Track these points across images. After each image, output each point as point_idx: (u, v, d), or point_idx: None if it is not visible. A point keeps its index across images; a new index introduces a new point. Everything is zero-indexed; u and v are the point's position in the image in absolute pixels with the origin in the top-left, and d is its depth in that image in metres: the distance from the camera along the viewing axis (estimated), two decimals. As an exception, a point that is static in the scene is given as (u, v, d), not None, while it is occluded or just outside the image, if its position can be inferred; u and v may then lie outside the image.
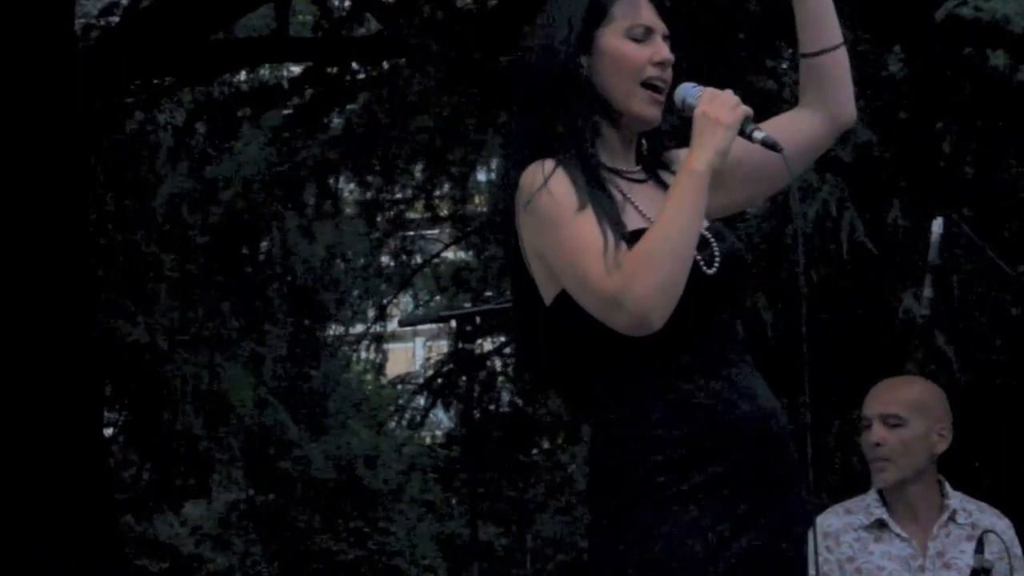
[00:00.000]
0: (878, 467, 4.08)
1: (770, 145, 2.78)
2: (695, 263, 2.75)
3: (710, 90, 2.83)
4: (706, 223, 2.84)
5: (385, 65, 9.78)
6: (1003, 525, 4.07)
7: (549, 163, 2.79)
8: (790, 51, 7.70)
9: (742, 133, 2.78)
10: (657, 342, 2.72)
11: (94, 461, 7.69)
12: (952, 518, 4.08)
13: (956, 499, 4.10)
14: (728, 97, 2.80)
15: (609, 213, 2.76)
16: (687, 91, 2.85)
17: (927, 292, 5.59)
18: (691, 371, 2.76)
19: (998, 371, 9.51)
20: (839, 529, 4.10)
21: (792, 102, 3.10)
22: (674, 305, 2.69)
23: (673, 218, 2.71)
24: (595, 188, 2.79)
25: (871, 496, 4.14)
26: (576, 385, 2.86)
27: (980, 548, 3.89)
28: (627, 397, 2.76)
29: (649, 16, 2.89)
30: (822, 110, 2.98)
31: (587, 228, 2.72)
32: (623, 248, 2.71)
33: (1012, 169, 8.41)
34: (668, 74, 2.88)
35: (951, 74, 7.46)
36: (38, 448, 7.29)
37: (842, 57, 2.99)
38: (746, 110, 2.79)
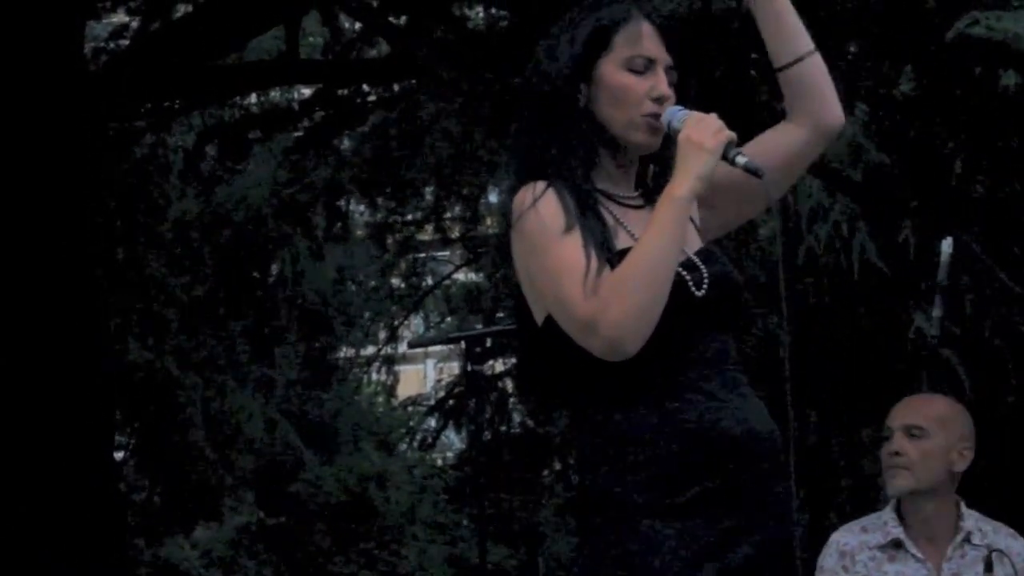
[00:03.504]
0: (892, 474, 4.07)
1: (751, 171, 2.77)
2: (685, 285, 2.76)
3: (696, 114, 2.81)
4: (698, 245, 2.85)
5: (396, 87, 9.79)
6: (1018, 546, 4.06)
7: (540, 185, 2.79)
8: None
9: (725, 158, 2.78)
10: (647, 363, 2.73)
11: (105, 484, 7.70)
12: (967, 539, 4.06)
13: (972, 520, 4.09)
14: (712, 121, 2.78)
15: (597, 236, 2.76)
16: (673, 114, 2.84)
17: (937, 311, 5.56)
18: (681, 391, 2.76)
19: (1009, 390, 9.50)
20: (855, 547, 4.10)
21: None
22: (650, 331, 2.69)
23: (651, 244, 2.71)
24: (586, 212, 2.78)
25: (888, 514, 4.13)
26: (572, 402, 2.86)
27: (989, 567, 3.88)
28: (615, 416, 2.76)
29: (651, 47, 2.87)
30: (808, 120, 2.96)
31: (570, 251, 2.72)
32: (605, 272, 2.71)
33: (1022, 189, 8.40)
34: (668, 107, 2.85)
35: (961, 94, 7.45)
36: (49, 471, 7.29)
37: (817, 64, 2.95)
38: (729, 135, 2.78)
